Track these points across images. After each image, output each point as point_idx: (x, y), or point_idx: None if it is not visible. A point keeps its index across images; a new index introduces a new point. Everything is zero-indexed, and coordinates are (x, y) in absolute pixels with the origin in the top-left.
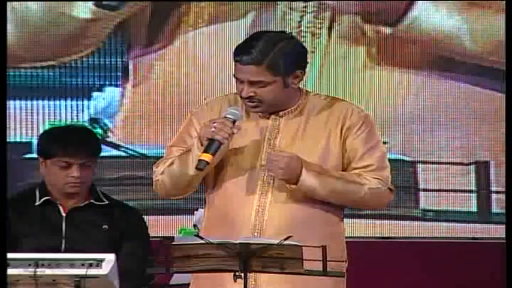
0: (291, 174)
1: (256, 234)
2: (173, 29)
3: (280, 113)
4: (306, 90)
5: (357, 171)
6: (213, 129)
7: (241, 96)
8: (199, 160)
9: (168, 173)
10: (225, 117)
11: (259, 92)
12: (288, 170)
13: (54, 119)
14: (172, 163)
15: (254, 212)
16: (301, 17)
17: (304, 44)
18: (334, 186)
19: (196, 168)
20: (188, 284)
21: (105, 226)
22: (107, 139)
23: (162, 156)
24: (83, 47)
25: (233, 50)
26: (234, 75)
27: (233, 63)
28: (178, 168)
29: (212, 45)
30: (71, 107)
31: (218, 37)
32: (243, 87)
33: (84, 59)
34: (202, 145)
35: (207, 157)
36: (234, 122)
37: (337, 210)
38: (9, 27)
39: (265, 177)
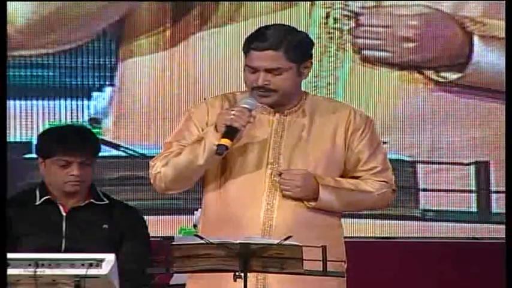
0: (308, 191)
1: (265, 233)
2: (176, 30)
3: (285, 112)
4: (305, 91)
5: (362, 173)
6: (232, 116)
7: (253, 87)
8: (219, 145)
9: (172, 164)
10: (242, 106)
11: (274, 80)
12: (305, 187)
13: (54, 119)
14: (178, 154)
15: (263, 211)
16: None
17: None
18: (349, 198)
19: (216, 153)
20: None
21: (105, 226)
22: (107, 139)
23: None
24: (91, 33)
25: (241, 45)
26: (247, 65)
27: (233, 65)
28: (186, 158)
29: (213, 47)
30: (71, 107)
31: (219, 39)
32: (257, 76)
33: (85, 59)
34: (218, 132)
35: (226, 142)
36: (250, 111)
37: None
38: (21, 10)
39: (272, 175)
